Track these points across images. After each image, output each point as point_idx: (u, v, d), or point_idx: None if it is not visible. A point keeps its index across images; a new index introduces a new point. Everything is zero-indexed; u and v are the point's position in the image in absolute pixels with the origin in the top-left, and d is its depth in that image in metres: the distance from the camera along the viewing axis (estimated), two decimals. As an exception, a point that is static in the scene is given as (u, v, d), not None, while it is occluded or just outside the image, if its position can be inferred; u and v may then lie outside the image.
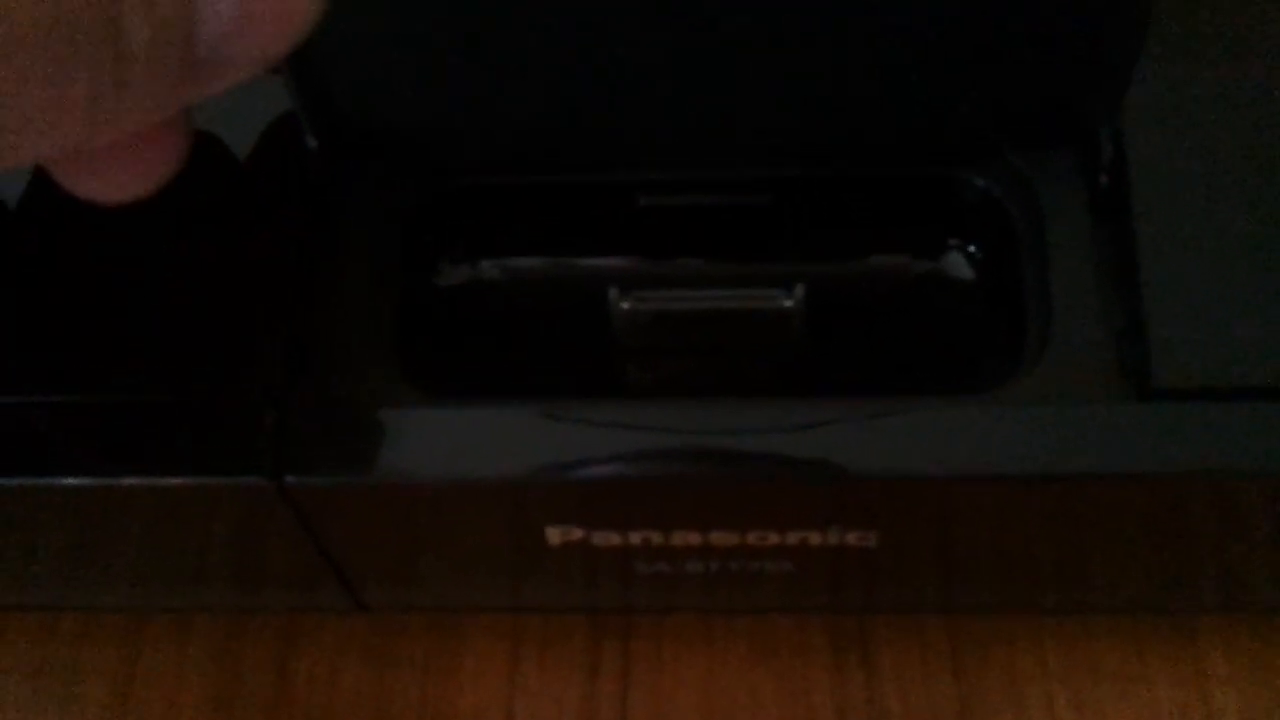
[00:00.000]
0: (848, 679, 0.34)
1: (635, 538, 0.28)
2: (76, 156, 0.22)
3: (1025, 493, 0.26)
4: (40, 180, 0.26)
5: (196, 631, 0.36)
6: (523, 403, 0.26)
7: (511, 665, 0.35)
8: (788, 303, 0.28)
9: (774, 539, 0.28)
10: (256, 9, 0.18)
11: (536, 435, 0.26)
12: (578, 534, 0.28)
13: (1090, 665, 0.34)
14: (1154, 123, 0.27)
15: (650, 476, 0.26)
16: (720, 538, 0.28)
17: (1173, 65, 0.27)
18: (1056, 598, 0.32)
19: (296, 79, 0.27)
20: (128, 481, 0.26)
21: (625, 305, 0.28)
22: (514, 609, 0.35)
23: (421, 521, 0.28)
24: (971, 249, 0.30)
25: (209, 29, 0.18)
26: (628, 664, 0.35)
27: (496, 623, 0.35)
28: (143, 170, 0.23)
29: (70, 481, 0.26)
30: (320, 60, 0.26)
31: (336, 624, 0.36)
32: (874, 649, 0.35)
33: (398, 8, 0.25)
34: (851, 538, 0.28)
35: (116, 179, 0.22)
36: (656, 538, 0.28)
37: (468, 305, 0.30)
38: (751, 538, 0.28)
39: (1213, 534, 0.28)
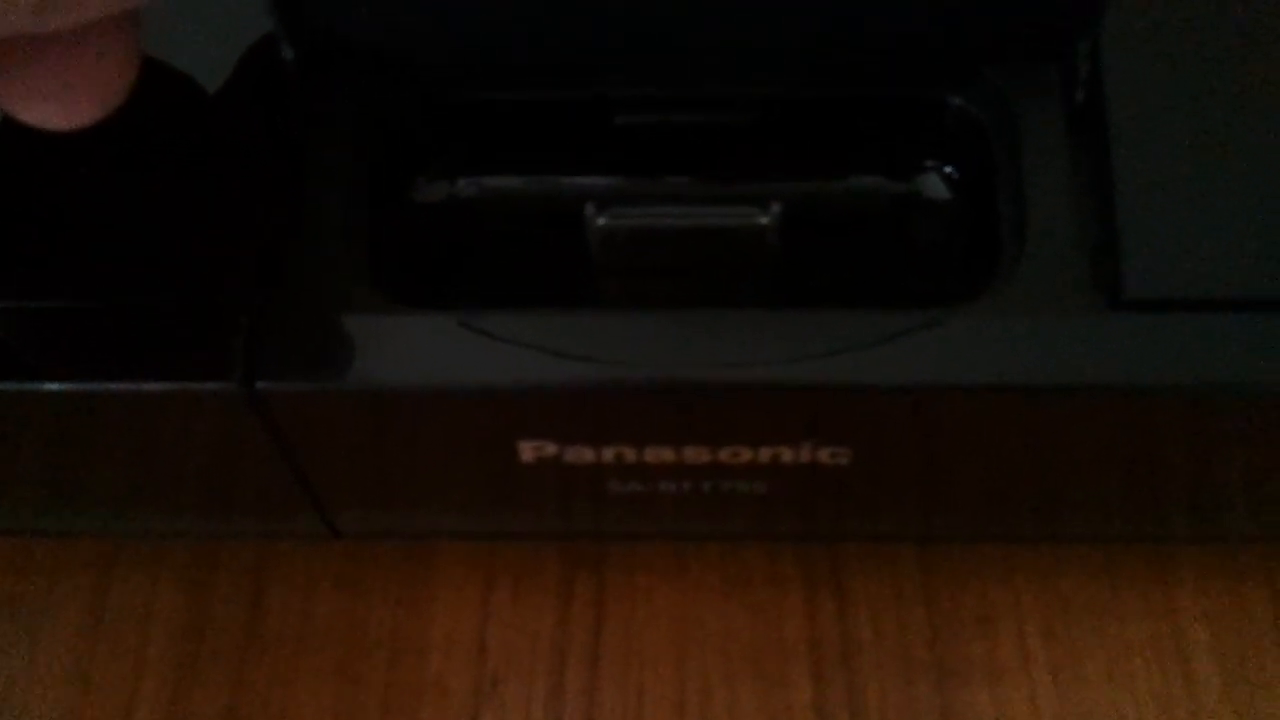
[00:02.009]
0: (820, 610, 0.34)
1: (608, 454, 0.28)
2: (23, 79, 0.22)
3: (996, 404, 0.26)
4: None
5: (169, 562, 0.36)
6: (497, 312, 0.26)
7: (484, 595, 0.35)
8: (764, 220, 0.28)
9: (747, 455, 0.28)
10: None
11: (510, 344, 0.26)
12: (551, 449, 0.28)
13: (1062, 598, 0.34)
14: (1129, 39, 0.27)
15: (622, 386, 0.26)
16: (693, 454, 0.28)
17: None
18: (1029, 524, 0.32)
19: None
20: (99, 387, 0.26)
21: (602, 221, 0.28)
22: (488, 535, 0.35)
23: (393, 434, 0.28)
24: (948, 169, 0.30)
25: None
26: (601, 594, 0.35)
27: (470, 553, 0.35)
28: (90, 94, 0.22)
29: (41, 387, 0.26)
30: None
31: (309, 554, 0.36)
32: (847, 580, 0.35)
33: None
34: (824, 454, 0.28)
35: (64, 103, 0.22)
36: (630, 454, 0.28)
37: (445, 220, 0.30)
38: (724, 454, 0.28)
39: (1183, 452, 0.28)
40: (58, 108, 0.23)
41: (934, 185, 0.30)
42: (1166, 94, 0.26)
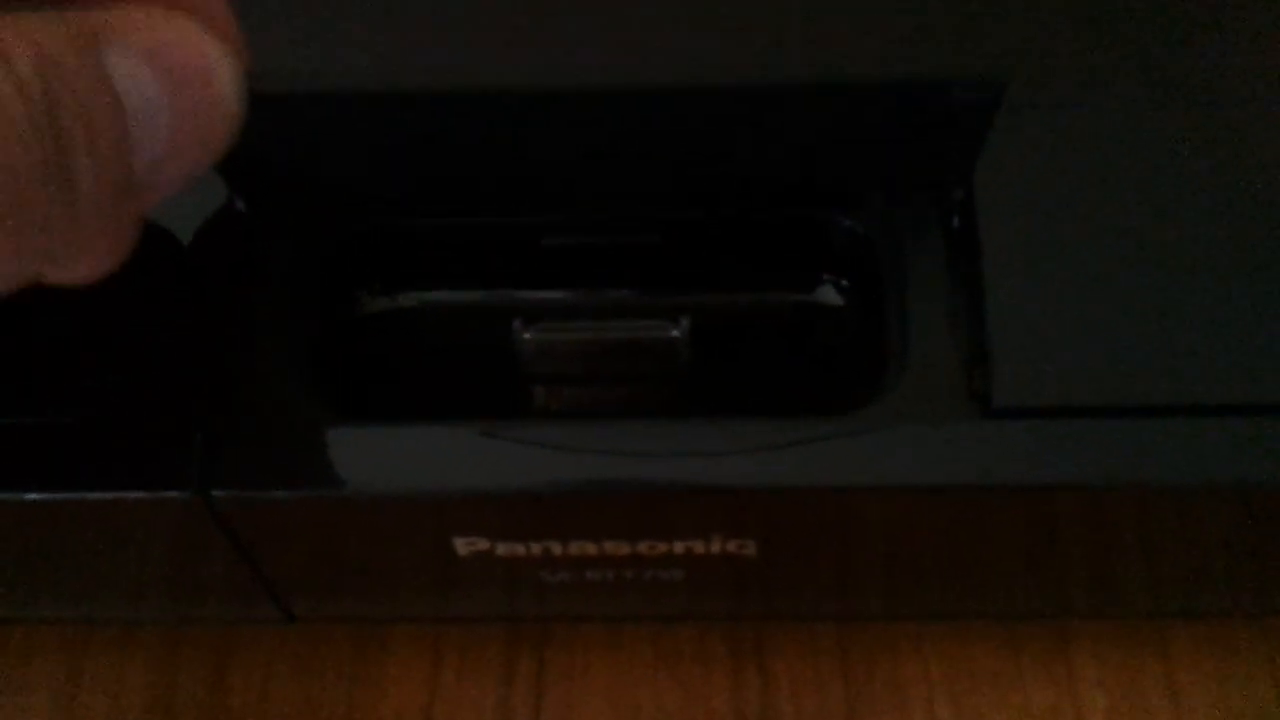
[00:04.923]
0: (745, 685, 0.37)
1: (536, 548, 0.31)
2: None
3: (878, 504, 0.29)
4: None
5: (138, 645, 0.38)
6: (430, 424, 0.29)
7: (432, 673, 0.38)
8: (675, 333, 0.31)
9: (663, 548, 0.31)
10: (182, 139, 0.21)
11: (442, 453, 0.28)
12: (483, 545, 0.31)
13: (968, 669, 0.37)
14: (1000, 172, 0.30)
15: (546, 491, 0.29)
16: (614, 547, 0.31)
17: (1017, 123, 0.30)
18: (931, 605, 0.35)
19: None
20: (70, 496, 0.29)
21: (528, 335, 0.31)
22: (435, 619, 0.37)
23: (339, 533, 0.31)
24: (843, 283, 0.32)
25: (143, 159, 0.20)
26: (542, 671, 0.37)
27: (419, 633, 0.38)
28: (95, 264, 0.25)
29: (13, 496, 0.29)
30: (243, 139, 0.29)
31: (269, 636, 0.38)
32: (769, 656, 0.37)
33: (318, 105, 0.28)
34: (732, 546, 0.30)
35: (69, 272, 0.25)
36: (556, 548, 0.31)
37: (385, 336, 0.33)
38: (642, 547, 0.31)
39: (1055, 542, 0.31)
40: (60, 273, 0.25)
41: (829, 297, 0.33)
42: (1032, 220, 0.29)
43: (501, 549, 0.31)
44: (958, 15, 0.32)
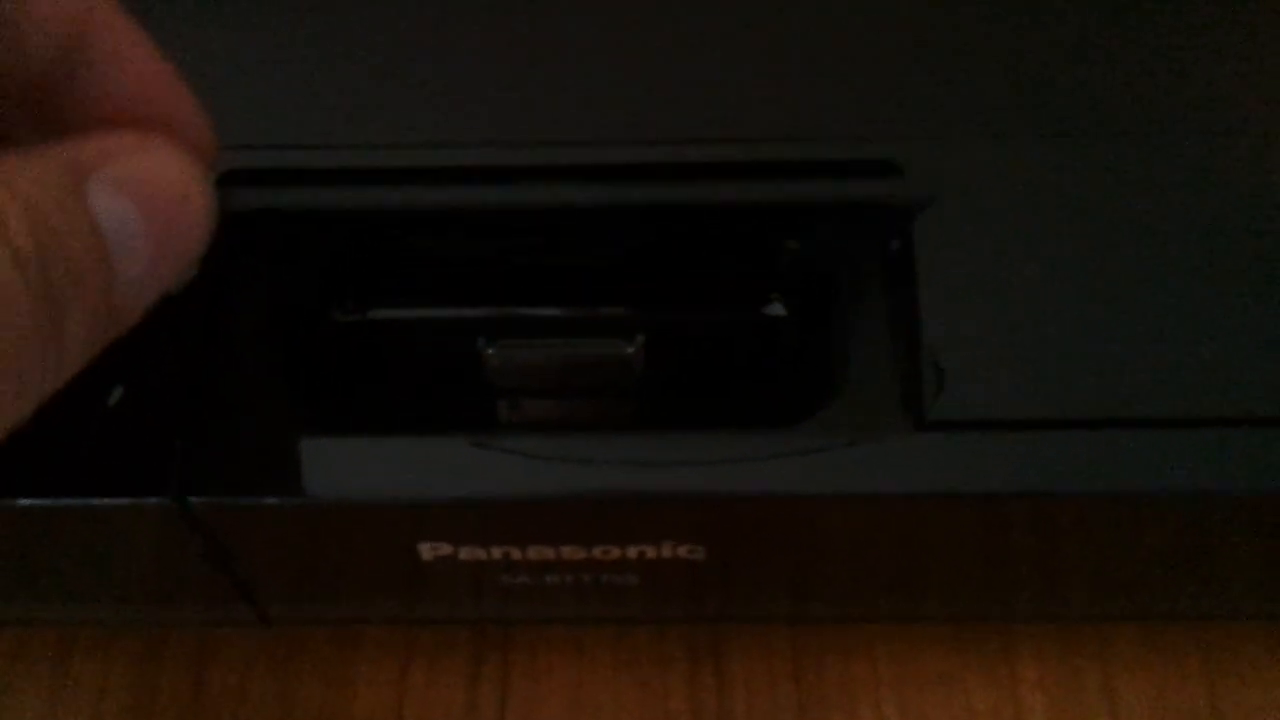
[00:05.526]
0: (701, 685, 0.39)
1: (496, 553, 0.32)
2: None
3: (822, 511, 0.31)
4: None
5: (120, 648, 0.40)
6: (397, 435, 0.30)
7: (402, 674, 0.39)
8: (629, 349, 0.32)
9: (616, 553, 0.32)
10: (158, 261, 0.21)
11: (408, 462, 0.30)
12: (447, 550, 0.32)
13: (915, 670, 0.39)
14: (937, 200, 0.32)
15: (505, 498, 0.30)
16: (570, 552, 0.32)
17: (953, 154, 0.32)
18: (878, 608, 0.37)
19: None
20: (56, 502, 0.30)
21: (490, 351, 0.33)
22: (405, 621, 0.39)
23: (311, 539, 0.32)
24: (791, 301, 0.34)
25: (124, 288, 0.21)
26: (506, 672, 0.39)
27: (389, 636, 0.40)
28: None
29: (3, 502, 0.30)
30: None
31: (246, 639, 0.40)
32: (725, 658, 0.39)
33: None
34: (683, 551, 0.32)
35: None
36: (515, 553, 0.32)
37: (357, 349, 0.35)
38: (597, 552, 0.32)
39: (992, 550, 0.32)
40: None
41: (777, 314, 0.34)
42: (965, 245, 0.31)
43: (464, 554, 0.32)
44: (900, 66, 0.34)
